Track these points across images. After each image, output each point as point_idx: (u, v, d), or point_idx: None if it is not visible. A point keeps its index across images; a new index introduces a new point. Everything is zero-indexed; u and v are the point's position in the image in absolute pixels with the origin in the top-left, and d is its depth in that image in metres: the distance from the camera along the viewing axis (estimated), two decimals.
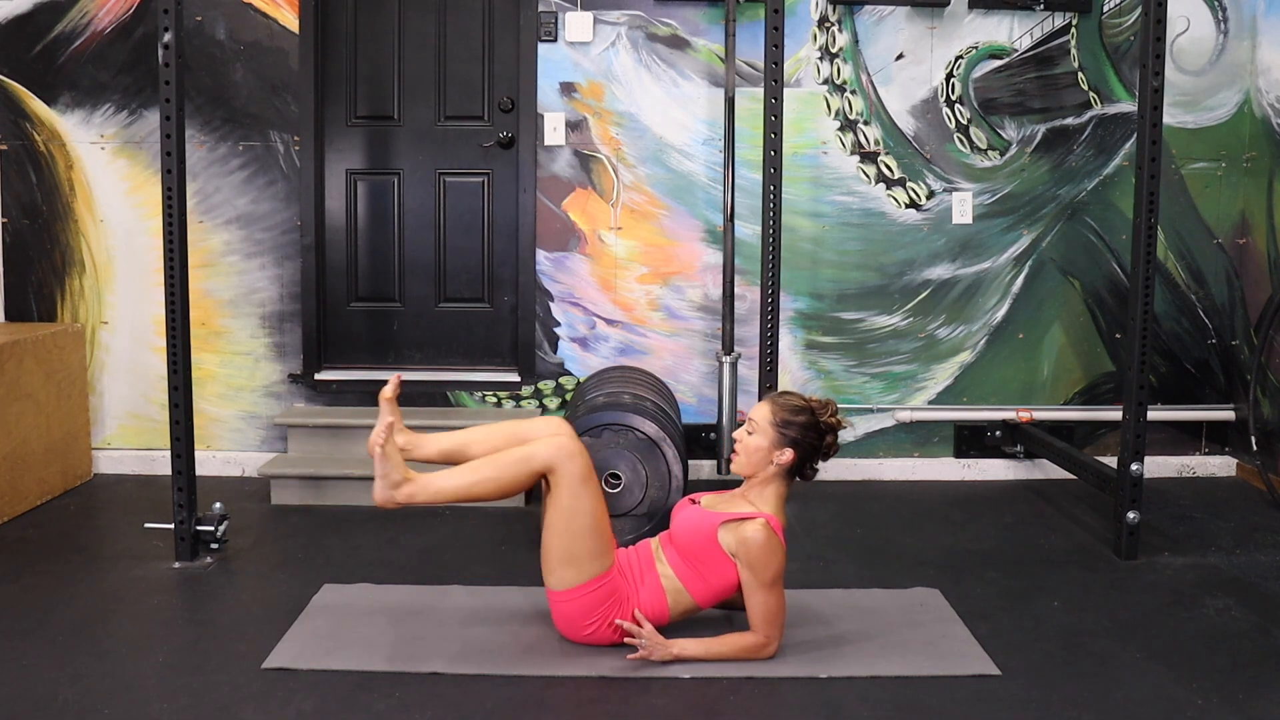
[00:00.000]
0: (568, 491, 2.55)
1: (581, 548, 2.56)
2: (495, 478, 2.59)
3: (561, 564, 2.58)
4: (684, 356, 4.30)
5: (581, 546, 2.56)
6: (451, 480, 2.61)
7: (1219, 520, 3.79)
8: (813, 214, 4.25)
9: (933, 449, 4.36)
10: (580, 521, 2.56)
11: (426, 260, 4.36)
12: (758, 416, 2.65)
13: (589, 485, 2.57)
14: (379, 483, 2.60)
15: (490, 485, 2.59)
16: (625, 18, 4.16)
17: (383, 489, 2.60)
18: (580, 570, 2.57)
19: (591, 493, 2.57)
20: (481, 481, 2.59)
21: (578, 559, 2.57)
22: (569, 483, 2.55)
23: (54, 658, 2.60)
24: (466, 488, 2.60)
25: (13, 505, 3.69)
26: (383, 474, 2.60)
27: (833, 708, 2.39)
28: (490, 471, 2.59)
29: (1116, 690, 2.49)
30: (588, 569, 2.58)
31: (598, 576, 2.59)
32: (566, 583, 2.59)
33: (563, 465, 2.55)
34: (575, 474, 2.55)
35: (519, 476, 2.58)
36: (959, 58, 4.22)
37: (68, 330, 4.06)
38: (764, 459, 2.63)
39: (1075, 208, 4.29)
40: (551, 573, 2.61)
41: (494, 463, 2.60)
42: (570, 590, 2.59)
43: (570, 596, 2.60)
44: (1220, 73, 4.25)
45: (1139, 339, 3.29)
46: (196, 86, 4.14)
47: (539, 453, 2.56)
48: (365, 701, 2.39)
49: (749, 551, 2.53)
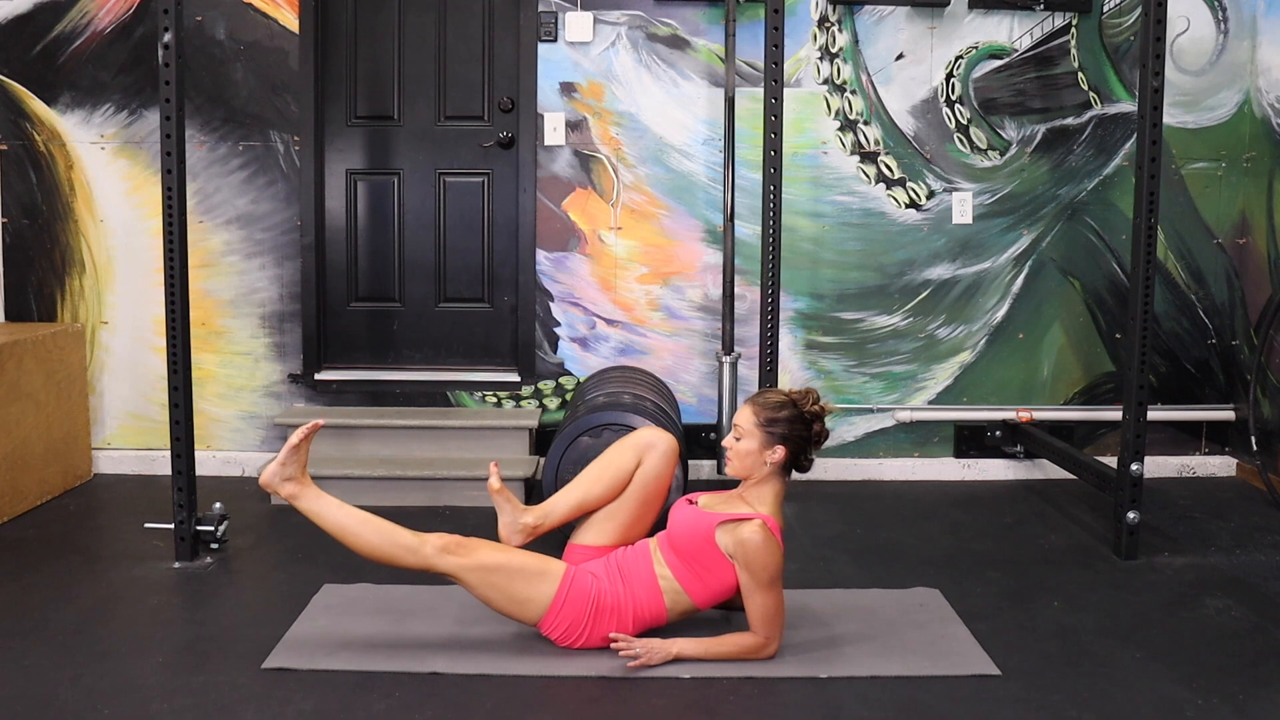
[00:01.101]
0: (468, 574, 2.57)
1: (519, 590, 2.59)
2: (373, 543, 2.60)
3: (519, 610, 2.61)
4: (684, 356, 4.30)
5: (518, 590, 2.58)
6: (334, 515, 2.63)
7: (1219, 520, 3.79)
8: (813, 214, 4.25)
9: (933, 449, 4.36)
10: (499, 579, 2.58)
11: (426, 260, 4.36)
12: (742, 421, 2.64)
13: (477, 555, 2.57)
14: (274, 466, 2.67)
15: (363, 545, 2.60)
16: (625, 18, 4.16)
17: (273, 473, 2.67)
18: (537, 602, 2.59)
19: (485, 555, 2.58)
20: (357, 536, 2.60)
21: (526, 599, 2.59)
22: (463, 572, 2.57)
23: (54, 658, 2.60)
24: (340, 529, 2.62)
25: (13, 505, 3.69)
26: (282, 461, 2.66)
27: (833, 708, 2.39)
28: (373, 536, 2.60)
29: (1116, 690, 2.49)
30: (541, 596, 2.59)
31: (556, 592, 2.60)
32: (536, 616, 2.61)
33: (444, 565, 2.57)
34: (462, 565, 2.56)
35: (393, 559, 2.60)
36: (959, 58, 4.22)
37: (68, 330, 4.06)
38: (757, 461, 2.63)
39: (1075, 208, 4.29)
40: (521, 618, 2.63)
41: (382, 532, 2.61)
42: (545, 619, 2.61)
43: (549, 623, 2.62)
44: (1220, 73, 4.25)
45: (1139, 339, 3.28)
46: (196, 86, 4.15)
47: (423, 552, 2.58)
48: (365, 701, 2.39)
49: (746, 552, 2.53)
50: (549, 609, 2.59)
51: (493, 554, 2.61)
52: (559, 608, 2.59)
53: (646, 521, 2.85)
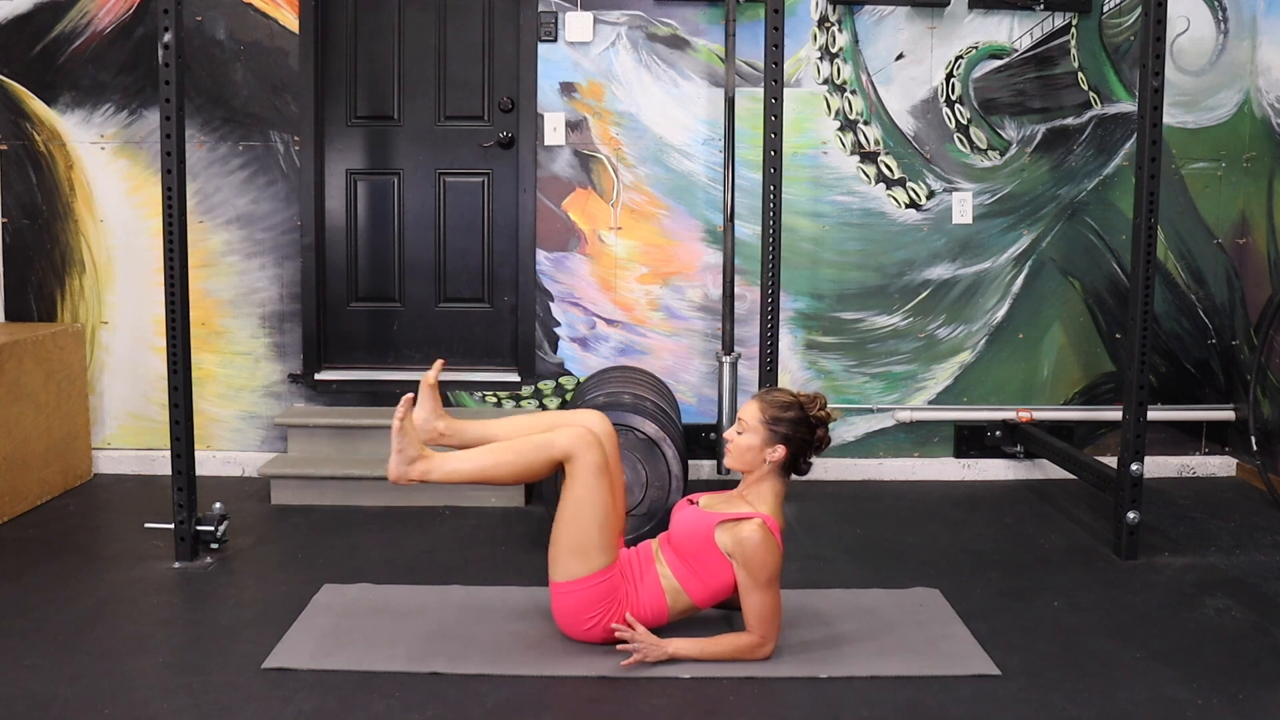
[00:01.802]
0: (582, 481, 2.56)
1: (589, 539, 2.57)
2: (512, 461, 2.58)
3: (568, 554, 2.58)
4: (684, 356, 4.30)
5: (589, 538, 2.57)
6: (468, 461, 2.61)
7: (1219, 520, 3.79)
8: (813, 214, 4.25)
9: (933, 449, 4.36)
10: (590, 513, 2.56)
11: (426, 260, 4.36)
12: (747, 415, 2.65)
13: (603, 478, 2.57)
14: (394, 458, 2.61)
15: (506, 469, 2.59)
16: (625, 18, 4.16)
17: (397, 464, 2.61)
18: (585, 562, 2.58)
19: (606, 486, 2.57)
20: (499, 465, 2.59)
21: (584, 550, 2.57)
22: (584, 473, 2.55)
23: (54, 658, 2.60)
24: (482, 470, 2.60)
25: (13, 505, 3.69)
26: (398, 449, 2.60)
27: (833, 708, 2.39)
28: (508, 455, 2.59)
29: (1116, 690, 2.49)
30: (592, 561, 2.58)
31: (600, 571, 2.59)
32: (571, 574, 2.59)
33: (580, 454, 2.55)
34: (591, 464, 2.55)
35: (536, 462, 2.58)
36: (959, 58, 4.22)
37: (68, 330, 4.06)
38: (756, 457, 2.63)
39: (1075, 208, 4.29)
40: (557, 562, 2.61)
41: (513, 447, 2.60)
42: (574, 582, 2.59)
43: (573, 589, 2.59)
44: (1220, 73, 4.25)
45: (1139, 339, 3.28)
46: (196, 86, 4.15)
47: (558, 440, 2.56)
48: (365, 701, 2.39)
49: (745, 551, 2.53)
50: (583, 577, 2.58)
51: (609, 488, 2.59)
52: (589, 584, 2.58)
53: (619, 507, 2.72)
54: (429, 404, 2.77)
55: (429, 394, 2.76)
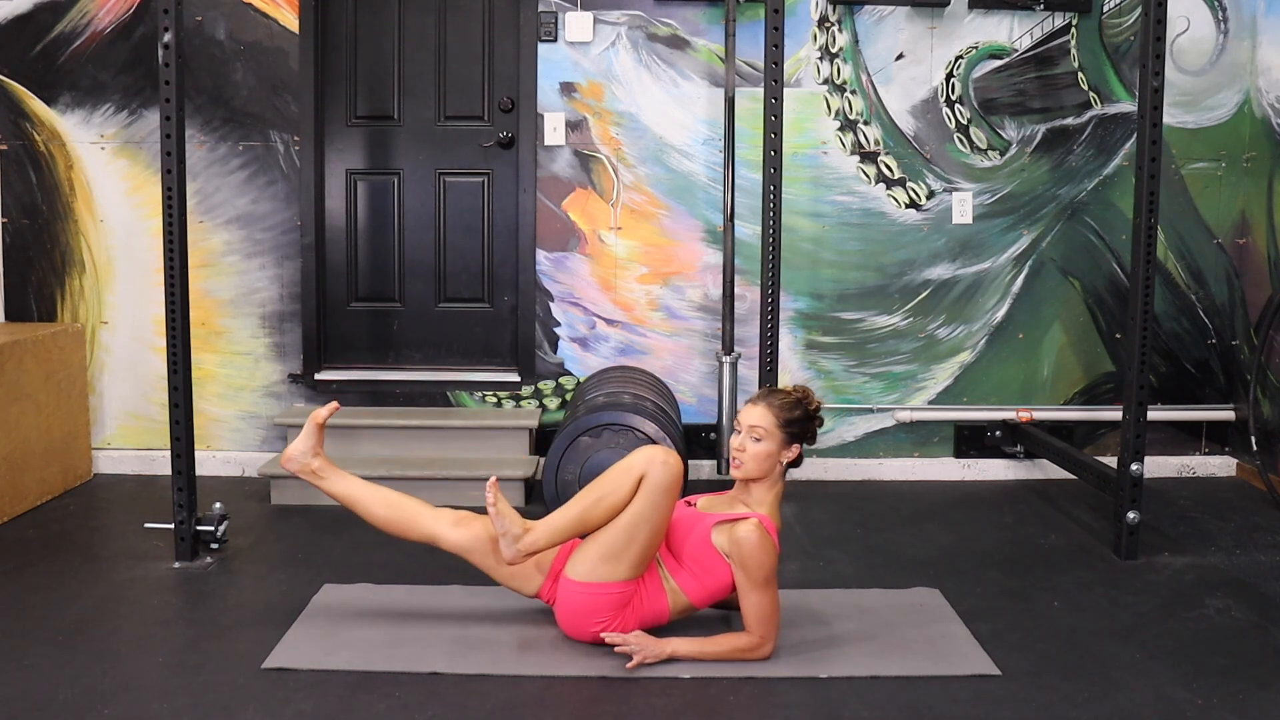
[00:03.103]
0: (644, 496, 2.54)
1: (630, 552, 2.57)
2: (601, 495, 2.58)
3: (601, 557, 2.58)
4: (684, 356, 4.30)
5: (631, 551, 2.56)
6: (564, 515, 2.61)
7: (1219, 520, 3.79)
8: (813, 214, 4.24)
9: (933, 449, 4.36)
10: (643, 529, 2.55)
11: (426, 260, 4.36)
12: (763, 423, 2.63)
13: (666, 498, 2.55)
14: (503, 541, 2.60)
15: (601, 505, 2.58)
16: (625, 18, 4.16)
17: (508, 545, 2.60)
18: (613, 570, 2.58)
19: (667, 506, 2.56)
20: (592, 504, 2.59)
21: (619, 560, 2.57)
22: (650, 486, 2.54)
23: (54, 658, 2.59)
24: (579, 516, 2.59)
25: (13, 505, 3.69)
26: (503, 531, 2.60)
27: (833, 708, 2.39)
28: (596, 492, 2.59)
29: (1116, 690, 2.49)
30: (620, 572, 2.58)
31: (623, 582, 2.59)
32: (594, 576, 2.58)
33: (653, 470, 2.54)
34: (660, 481, 2.53)
35: (622, 487, 2.57)
36: (959, 58, 4.22)
37: (68, 330, 4.06)
38: (774, 462, 2.64)
39: (1075, 208, 4.29)
40: (583, 561, 2.60)
41: (598, 484, 2.61)
42: (592, 584, 2.59)
43: (589, 590, 2.59)
44: (1220, 73, 4.25)
45: (1139, 339, 3.28)
46: (196, 86, 4.14)
47: (636, 462, 2.56)
48: (365, 701, 2.39)
49: (741, 551, 2.53)
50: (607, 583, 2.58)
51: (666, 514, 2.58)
52: (603, 592, 2.58)
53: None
54: (311, 440, 2.83)
55: (314, 431, 2.84)
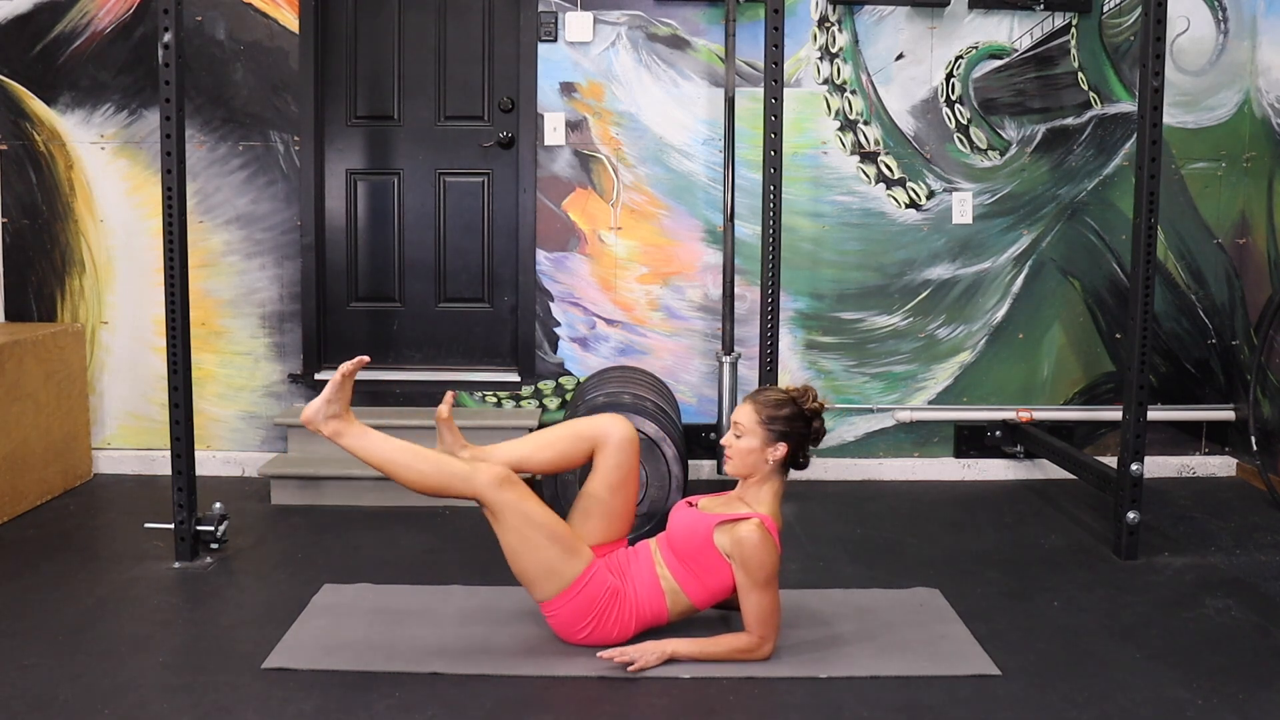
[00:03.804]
0: (511, 513, 2.55)
1: (549, 555, 2.57)
2: (423, 472, 2.56)
3: (539, 578, 2.59)
4: (684, 356, 4.30)
5: (549, 555, 2.57)
6: (380, 448, 2.59)
7: (1219, 520, 3.79)
8: (813, 214, 4.25)
9: (933, 449, 4.36)
10: (536, 534, 2.56)
11: (426, 260, 4.36)
12: (743, 419, 2.64)
13: (526, 502, 2.56)
14: (317, 401, 2.62)
15: (413, 476, 2.57)
16: (625, 18, 4.16)
17: (316, 409, 2.61)
18: (560, 577, 2.58)
19: (532, 506, 2.57)
20: (407, 467, 2.56)
21: (551, 568, 2.58)
22: (506, 509, 2.55)
23: (54, 658, 2.60)
24: (389, 462, 2.58)
25: (13, 505, 3.69)
26: (327, 398, 2.61)
27: (833, 708, 2.39)
28: (424, 465, 2.57)
29: (1116, 690, 2.49)
30: (567, 572, 2.58)
31: (579, 576, 2.59)
32: (551, 592, 2.60)
33: (493, 495, 2.54)
34: (509, 502, 2.54)
35: (447, 487, 2.56)
36: (959, 58, 4.22)
37: (68, 330, 4.06)
38: (759, 459, 2.63)
39: (1075, 208, 4.29)
40: (534, 587, 2.62)
41: (435, 461, 2.58)
42: (558, 598, 2.60)
43: (559, 604, 2.60)
44: (1220, 73, 4.25)
45: (1139, 339, 3.28)
46: (196, 86, 4.15)
47: (478, 479, 2.55)
48: (365, 701, 2.39)
49: (743, 552, 2.53)
50: (565, 590, 2.58)
51: (540, 508, 2.59)
52: (574, 593, 2.58)
53: (628, 511, 2.79)
54: (448, 435, 2.77)
55: (446, 427, 2.77)
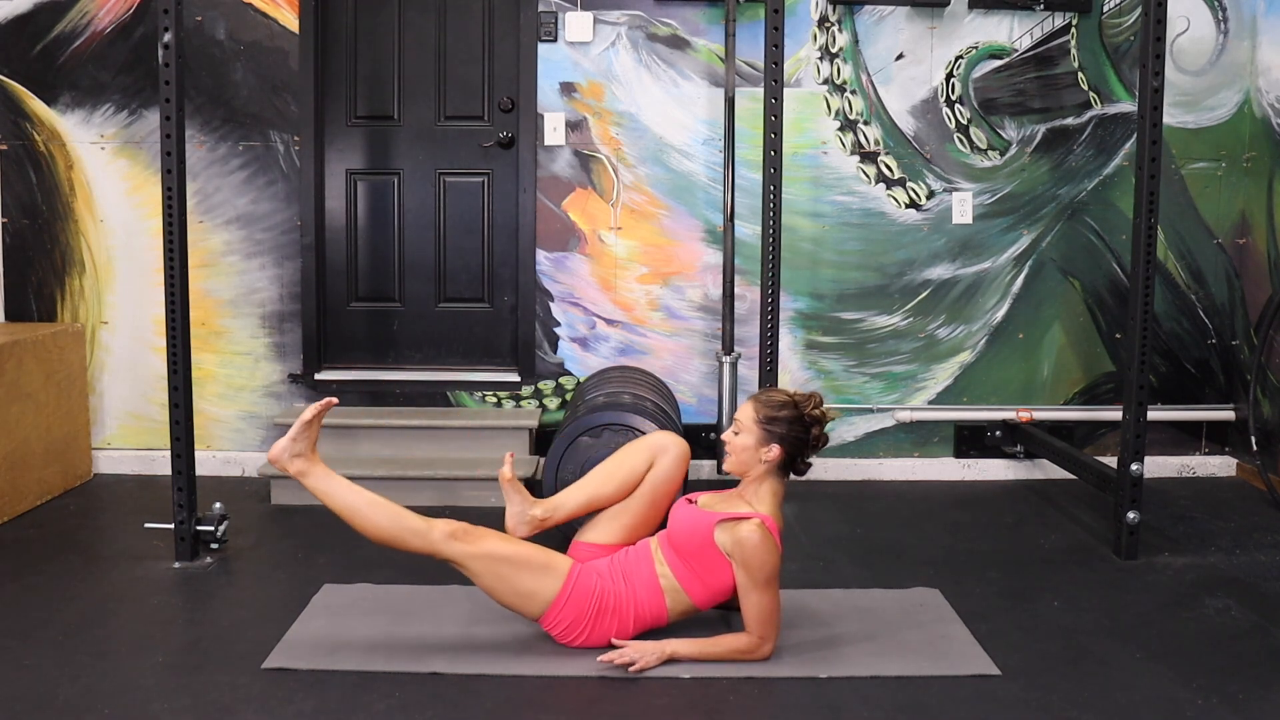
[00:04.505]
0: (472, 560, 2.57)
1: (523, 583, 2.59)
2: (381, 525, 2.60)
3: (522, 604, 2.61)
4: (684, 356, 4.30)
5: (523, 583, 2.59)
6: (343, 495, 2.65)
7: (1219, 520, 3.79)
8: (813, 214, 4.25)
9: (933, 449, 4.36)
10: (503, 568, 2.58)
11: (426, 260, 4.36)
12: (743, 416, 2.65)
13: (483, 543, 2.58)
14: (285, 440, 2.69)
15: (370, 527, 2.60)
16: (625, 18, 4.16)
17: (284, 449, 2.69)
18: (540, 597, 2.60)
19: (491, 544, 2.58)
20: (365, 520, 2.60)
21: (530, 592, 2.59)
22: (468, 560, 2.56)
23: (54, 658, 2.60)
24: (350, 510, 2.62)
25: (13, 505, 3.69)
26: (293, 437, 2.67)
27: (833, 708, 2.39)
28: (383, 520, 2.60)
29: (1116, 690, 2.49)
30: (545, 590, 2.59)
31: (561, 588, 2.60)
32: (538, 611, 2.62)
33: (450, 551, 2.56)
34: (466, 552, 2.56)
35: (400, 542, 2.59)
36: (959, 58, 4.22)
37: (68, 330, 4.06)
38: (752, 458, 2.63)
39: (1075, 208, 4.29)
40: (522, 611, 2.64)
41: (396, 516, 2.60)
42: (547, 614, 2.61)
43: (552, 618, 2.62)
44: (1220, 73, 4.25)
45: (1139, 339, 3.28)
46: (196, 86, 4.14)
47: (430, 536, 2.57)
48: (365, 701, 2.39)
49: (743, 551, 2.53)
50: (552, 604, 2.59)
51: (499, 544, 2.61)
52: (562, 604, 2.59)
53: (653, 522, 2.86)
54: (517, 499, 2.82)
55: (513, 490, 2.83)
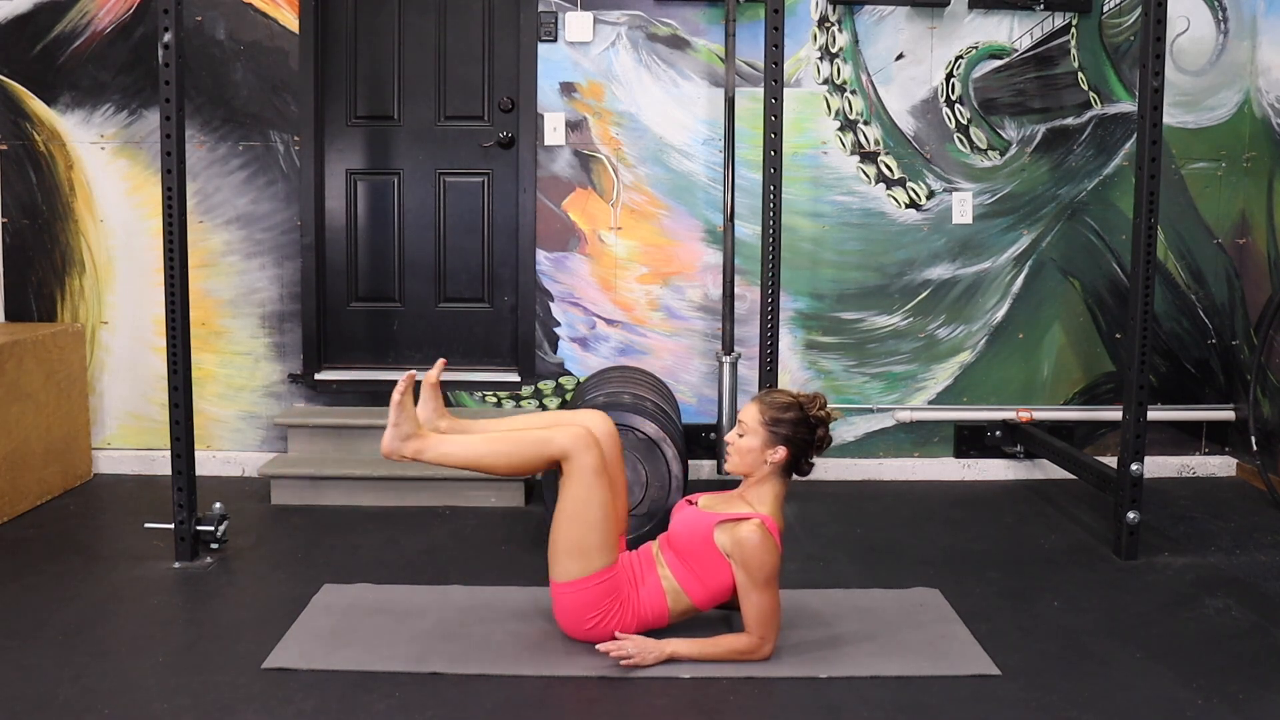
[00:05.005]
0: (579, 482, 2.56)
1: (587, 540, 2.57)
2: (508, 452, 2.58)
3: (568, 554, 2.58)
4: (684, 356, 4.30)
5: (587, 539, 2.57)
6: (463, 447, 2.61)
7: (1219, 520, 3.79)
8: (813, 214, 4.25)
9: (933, 449, 4.36)
10: (588, 514, 2.56)
11: (426, 260, 4.36)
12: (747, 418, 2.65)
13: (601, 479, 2.57)
14: (389, 431, 2.61)
15: (501, 459, 2.58)
16: (625, 18, 4.16)
17: (392, 438, 2.61)
18: (586, 563, 2.58)
19: (604, 486, 2.57)
20: (494, 454, 2.58)
21: (584, 551, 2.57)
22: (581, 473, 2.56)
23: (54, 658, 2.60)
24: (476, 456, 2.59)
25: (13, 505, 3.69)
26: (395, 423, 2.60)
27: (833, 708, 2.39)
28: (504, 445, 2.59)
29: (1116, 690, 2.49)
30: (593, 562, 2.58)
31: (601, 570, 2.59)
32: (571, 574, 2.59)
33: (578, 455, 2.55)
34: (589, 465, 2.55)
35: (532, 456, 2.58)
36: (959, 58, 4.22)
37: (68, 330, 4.06)
38: (757, 459, 2.63)
39: (1075, 208, 4.29)
40: (557, 563, 2.61)
41: (510, 438, 2.60)
42: (574, 582, 2.59)
43: (574, 589, 2.59)
44: (1220, 73, 4.25)
45: (1139, 339, 3.28)
46: (196, 86, 4.15)
47: (557, 438, 2.57)
48: (365, 701, 2.39)
49: (743, 552, 2.53)
50: (583, 577, 2.58)
51: (607, 491, 2.58)
52: (590, 585, 2.58)
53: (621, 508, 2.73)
54: (431, 403, 2.78)
55: (431, 393, 2.78)
